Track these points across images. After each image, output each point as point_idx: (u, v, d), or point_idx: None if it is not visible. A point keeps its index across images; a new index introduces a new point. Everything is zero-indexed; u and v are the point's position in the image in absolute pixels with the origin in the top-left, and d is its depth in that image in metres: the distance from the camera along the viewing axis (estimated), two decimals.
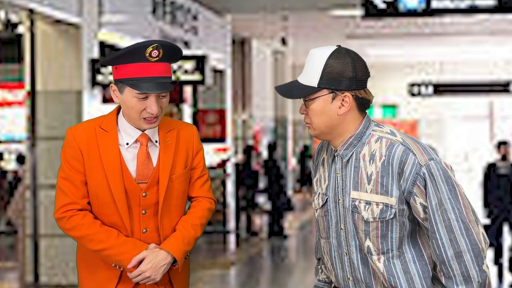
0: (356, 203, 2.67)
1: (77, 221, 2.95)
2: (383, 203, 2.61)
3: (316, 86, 2.67)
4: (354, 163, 2.70)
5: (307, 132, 2.81)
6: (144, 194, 2.97)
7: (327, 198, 2.77)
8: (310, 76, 2.68)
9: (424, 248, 2.69)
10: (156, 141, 3.02)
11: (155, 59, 2.91)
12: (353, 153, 2.71)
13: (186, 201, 3.12)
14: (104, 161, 2.95)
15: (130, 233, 2.97)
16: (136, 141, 2.99)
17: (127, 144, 2.98)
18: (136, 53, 2.89)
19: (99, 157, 2.95)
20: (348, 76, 2.65)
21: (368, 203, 2.64)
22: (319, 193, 2.81)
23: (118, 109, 3.03)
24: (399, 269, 2.65)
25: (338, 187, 2.74)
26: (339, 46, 2.71)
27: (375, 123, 2.77)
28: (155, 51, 2.91)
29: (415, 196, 2.60)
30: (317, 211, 2.82)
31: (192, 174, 3.10)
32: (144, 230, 2.99)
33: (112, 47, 9.82)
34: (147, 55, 2.90)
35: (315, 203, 2.83)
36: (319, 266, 3.00)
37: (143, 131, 2.99)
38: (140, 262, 2.94)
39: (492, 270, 10.03)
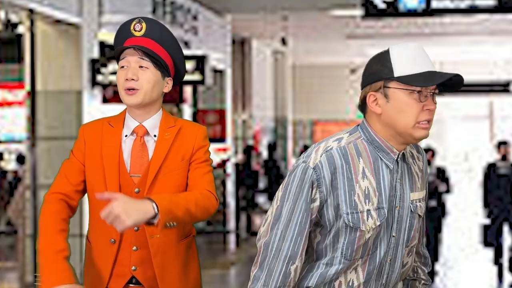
0: (416, 203, 2.60)
1: (48, 210, 2.93)
2: (423, 197, 2.66)
3: None
4: (406, 165, 2.59)
5: (424, 133, 2.50)
6: (136, 190, 2.93)
7: (383, 212, 2.50)
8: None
9: None
10: (155, 136, 2.99)
11: (139, 33, 2.96)
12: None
13: None
14: (104, 155, 2.95)
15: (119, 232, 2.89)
16: (133, 133, 2.99)
17: (126, 136, 2.98)
18: (123, 30, 3.00)
19: (100, 151, 2.96)
20: None
21: (420, 200, 2.63)
22: (369, 210, 2.48)
23: None
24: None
25: (396, 193, 2.53)
26: None
27: None
28: (138, 24, 2.97)
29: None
30: (369, 232, 2.48)
31: (191, 166, 3.00)
32: (136, 228, 2.93)
33: (112, 47, 9.81)
34: (131, 29, 2.98)
35: (367, 224, 2.47)
36: None
37: (140, 123, 2.98)
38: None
39: (492, 270, 10.04)
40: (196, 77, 10.44)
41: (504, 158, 9.80)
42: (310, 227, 2.48)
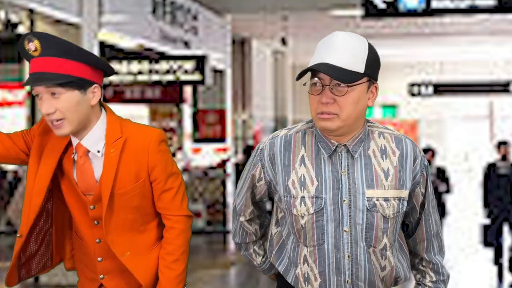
0: (375, 201, 2.56)
1: None
2: (398, 197, 2.60)
3: (363, 72, 2.50)
4: (364, 160, 2.57)
5: (323, 124, 2.51)
6: (92, 207, 2.74)
7: (323, 201, 2.55)
8: (354, 61, 2.49)
9: (401, 236, 2.76)
10: (98, 151, 2.71)
11: (36, 53, 2.63)
12: (361, 149, 2.58)
13: (149, 213, 2.80)
14: (43, 159, 2.75)
15: (28, 223, 2.79)
16: (75, 151, 2.73)
17: (74, 153, 2.74)
18: (20, 50, 2.68)
19: (41, 152, 2.76)
20: (379, 67, 2.60)
21: (386, 199, 2.57)
22: (304, 197, 2.56)
23: None
24: (398, 258, 2.71)
25: (342, 187, 2.55)
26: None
27: None
28: (31, 43, 2.63)
29: (420, 185, 2.67)
30: (303, 217, 2.57)
31: (154, 188, 2.76)
32: (98, 240, 2.77)
33: (112, 47, 9.83)
34: (26, 49, 2.64)
35: (298, 209, 2.57)
36: (252, 251, 2.87)
37: (79, 141, 2.71)
38: None
39: (492, 270, 10.03)
40: (196, 77, 10.45)
41: (504, 158, 9.80)
42: (250, 190, 2.72)
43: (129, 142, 2.71)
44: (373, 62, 2.54)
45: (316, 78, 2.51)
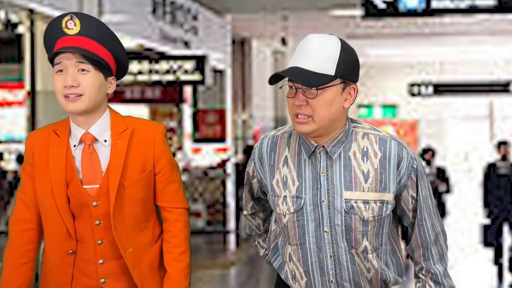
0: (353, 203, 2.56)
1: (10, 244, 2.83)
2: (380, 200, 2.58)
3: (333, 74, 2.51)
4: (343, 162, 2.58)
5: (300, 128, 2.57)
6: (94, 204, 2.74)
7: (302, 201, 2.60)
8: (323, 64, 2.50)
9: (395, 240, 2.75)
10: (105, 141, 2.75)
11: (73, 31, 2.68)
12: (341, 150, 2.59)
13: (150, 208, 2.85)
14: (50, 166, 2.74)
15: (75, 241, 2.78)
16: (80, 141, 2.75)
17: (74, 146, 2.75)
18: (54, 27, 2.70)
19: (47, 163, 2.75)
20: (357, 67, 2.58)
21: (366, 202, 2.56)
22: (286, 196, 2.62)
23: None
24: (385, 262, 2.69)
25: (321, 187, 2.58)
26: (332, 35, 2.63)
27: (350, 119, 2.70)
28: (71, 21, 2.68)
29: (408, 188, 2.62)
30: (285, 216, 2.63)
31: (158, 180, 2.81)
32: (99, 242, 2.77)
33: None
34: (63, 27, 2.68)
35: (281, 208, 2.63)
36: (256, 243, 2.97)
37: (86, 130, 2.74)
38: None
39: (492, 270, 10.04)
40: (196, 77, 10.45)
41: (504, 158, 9.80)
42: (248, 186, 2.83)
43: (136, 133, 2.77)
44: (346, 64, 2.54)
45: (290, 82, 2.55)
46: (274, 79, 2.53)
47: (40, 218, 2.80)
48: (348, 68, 2.54)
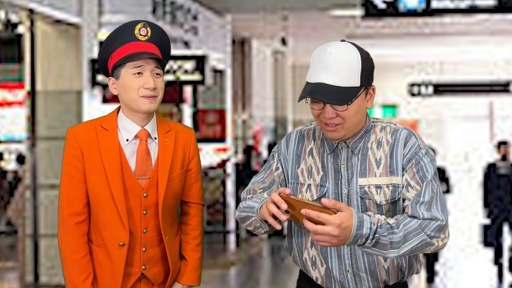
0: (366, 189, 2.70)
1: (68, 239, 3.01)
2: (391, 184, 2.69)
3: (359, 85, 2.65)
4: (361, 152, 2.73)
5: (330, 136, 2.73)
6: (145, 195, 3.00)
7: (325, 189, 2.75)
8: (349, 77, 2.62)
9: None
10: (155, 138, 3.03)
11: (144, 37, 2.97)
12: (361, 144, 2.74)
13: (178, 203, 3.15)
14: (104, 159, 2.96)
15: (128, 232, 2.99)
16: (135, 137, 3.01)
17: (127, 140, 3.00)
18: (126, 31, 2.98)
19: (100, 155, 2.97)
20: (373, 70, 2.71)
21: (378, 186, 2.69)
22: (310, 184, 2.79)
23: (118, 110, 3.07)
24: None
25: (341, 178, 2.73)
26: (344, 40, 2.72)
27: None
28: (144, 29, 2.97)
29: (404, 172, 2.69)
30: None
31: (188, 176, 3.12)
32: (145, 230, 3.02)
33: None
34: (136, 33, 2.97)
35: (304, 195, 2.79)
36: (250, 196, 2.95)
37: (142, 127, 3.01)
38: None
39: (492, 270, 10.04)
40: (196, 77, 10.44)
41: (504, 158, 9.80)
42: (269, 173, 2.90)
43: (179, 134, 3.08)
44: (367, 71, 2.66)
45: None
46: (302, 97, 2.66)
47: (86, 213, 3.02)
48: (369, 75, 2.68)
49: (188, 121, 14.72)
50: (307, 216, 2.51)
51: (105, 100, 9.30)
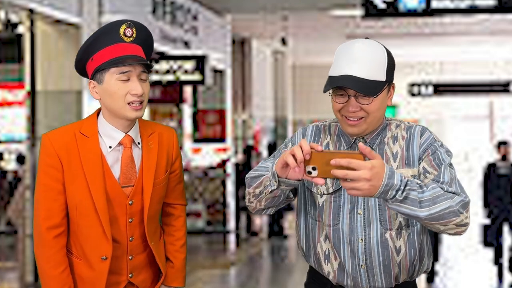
0: None
1: (46, 253, 2.86)
2: (407, 176, 2.69)
3: (384, 80, 2.70)
4: (378, 147, 2.77)
5: (351, 130, 2.73)
6: (130, 202, 2.87)
7: (340, 184, 2.71)
8: (376, 70, 2.67)
9: None
10: (139, 143, 2.89)
11: (129, 39, 2.80)
12: (378, 140, 2.78)
13: (161, 206, 3.04)
14: (85, 167, 2.81)
15: (111, 245, 2.86)
16: (119, 144, 2.86)
17: (110, 147, 2.85)
18: (110, 32, 2.80)
19: (80, 164, 2.81)
20: (395, 66, 2.78)
21: None
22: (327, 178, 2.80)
23: (98, 113, 2.91)
24: (415, 242, 2.76)
25: None
26: (368, 38, 2.78)
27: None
28: (129, 29, 2.80)
29: (421, 161, 2.74)
30: (322, 196, 2.77)
31: (172, 178, 3.02)
32: (131, 238, 2.92)
33: None
34: (121, 34, 2.79)
35: (319, 188, 2.77)
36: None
37: (126, 133, 2.86)
38: None
39: (492, 270, 10.04)
40: (196, 77, 10.45)
41: (504, 158, 9.80)
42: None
43: (162, 136, 2.96)
44: (392, 67, 2.74)
45: (341, 88, 2.69)
46: (327, 87, 2.67)
47: (64, 224, 2.87)
48: (393, 71, 2.76)
49: (188, 121, 14.73)
50: (338, 165, 2.42)
51: None
